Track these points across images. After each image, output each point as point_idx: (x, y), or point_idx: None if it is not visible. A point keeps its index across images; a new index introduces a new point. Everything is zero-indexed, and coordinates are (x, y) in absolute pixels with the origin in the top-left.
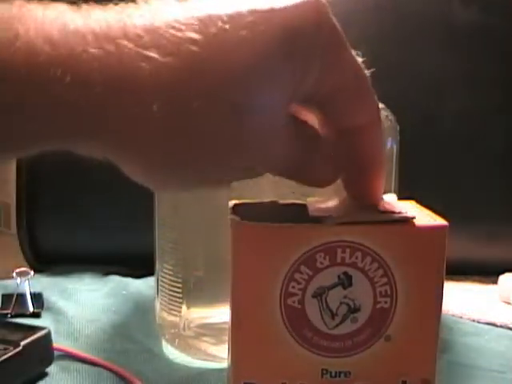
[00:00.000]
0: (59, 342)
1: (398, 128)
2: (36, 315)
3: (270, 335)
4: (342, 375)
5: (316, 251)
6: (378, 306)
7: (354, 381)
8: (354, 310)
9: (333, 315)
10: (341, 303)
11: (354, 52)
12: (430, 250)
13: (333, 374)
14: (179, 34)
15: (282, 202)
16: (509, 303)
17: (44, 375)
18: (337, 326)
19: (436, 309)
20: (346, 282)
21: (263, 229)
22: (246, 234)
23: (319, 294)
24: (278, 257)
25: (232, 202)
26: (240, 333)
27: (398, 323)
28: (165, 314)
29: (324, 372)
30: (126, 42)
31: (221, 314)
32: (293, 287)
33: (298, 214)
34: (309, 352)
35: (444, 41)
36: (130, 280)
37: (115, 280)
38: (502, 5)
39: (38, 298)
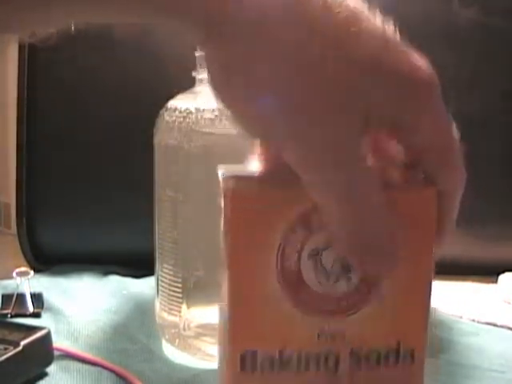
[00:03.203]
0: (59, 342)
1: None
2: (36, 315)
3: (268, 300)
4: (338, 337)
5: (310, 212)
6: None
7: (349, 343)
8: (348, 268)
9: (328, 275)
10: (335, 262)
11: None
12: (421, 213)
13: (328, 337)
14: None
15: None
16: (509, 303)
17: (44, 375)
18: (332, 285)
19: (427, 273)
20: None
21: (256, 193)
22: (238, 200)
23: (314, 255)
24: (272, 221)
25: (222, 171)
26: (237, 300)
27: (391, 284)
28: (165, 314)
29: (320, 335)
30: None
31: None
32: (289, 250)
33: (290, 175)
34: (305, 315)
35: (444, 41)
36: (129, 280)
37: (115, 280)
38: (502, 5)
39: (38, 298)
